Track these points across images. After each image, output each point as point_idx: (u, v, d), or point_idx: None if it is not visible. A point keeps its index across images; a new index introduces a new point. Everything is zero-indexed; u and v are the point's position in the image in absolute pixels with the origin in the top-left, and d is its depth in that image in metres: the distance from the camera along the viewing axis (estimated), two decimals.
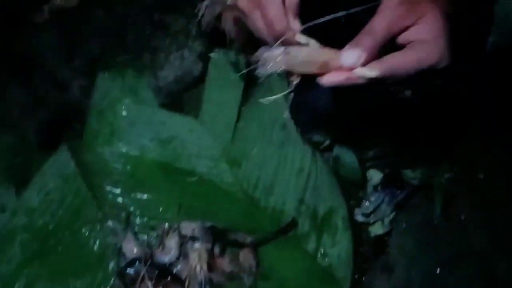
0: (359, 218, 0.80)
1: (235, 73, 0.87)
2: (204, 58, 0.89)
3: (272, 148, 0.86)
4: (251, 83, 0.89)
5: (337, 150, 0.84)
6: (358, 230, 0.78)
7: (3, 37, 0.98)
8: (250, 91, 0.90)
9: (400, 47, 0.43)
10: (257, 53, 0.46)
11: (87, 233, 0.77)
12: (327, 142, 0.85)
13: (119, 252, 0.75)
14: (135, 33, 0.98)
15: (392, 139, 0.79)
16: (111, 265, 0.75)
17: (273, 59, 0.45)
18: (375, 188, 0.80)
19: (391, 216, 0.77)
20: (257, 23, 0.49)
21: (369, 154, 0.82)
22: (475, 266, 0.65)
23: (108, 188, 0.81)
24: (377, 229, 0.78)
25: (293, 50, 0.46)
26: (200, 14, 0.75)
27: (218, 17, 0.81)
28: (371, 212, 0.78)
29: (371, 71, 0.42)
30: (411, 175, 0.77)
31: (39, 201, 0.79)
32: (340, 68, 0.43)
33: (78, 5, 1.02)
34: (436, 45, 0.41)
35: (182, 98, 0.92)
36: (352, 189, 0.82)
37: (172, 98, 0.91)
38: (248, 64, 0.89)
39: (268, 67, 0.45)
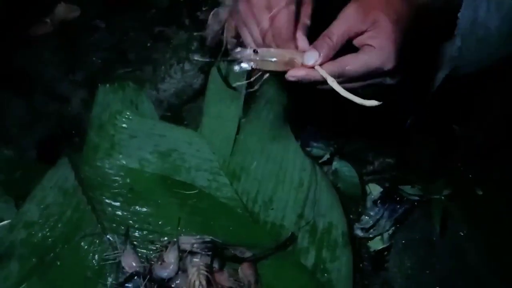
0: (359, 233, 0.80)
1: (234, 86, 0.87)
2: (205, 71, 0.89)
3: (272, 162, 0.86)
4: (251, 96, 0.89)
5: (337, 164, 0.84)
6: (357, 245, 0.78)
7: (2, 51, 0.99)
8: (250, 104, 0.90)
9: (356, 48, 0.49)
10: (233, 53, 0.53)
11: (86, 247, 0.77)
12: (327, 155, 0.85)
13: (118, 266, 0.74)
14: (136, 46, 0.99)
15: (392, 153, 0.80)
16: (110, 279, 0.75)
17: (246, 58, 0.52)
18: (374, 202, 0.80)
19: (391, 231, 0.77)
20: (252, 26, 0.53)
21: (369, 168, 0.82)
22: (472, 284, 0.65)
23: (108, 201, 0.81)
24: (376, 244, 0.78)
25: (262, 50, 0.52)
26: (207, 24, 0.76)
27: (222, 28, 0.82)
28: (371, 227, 0.78)
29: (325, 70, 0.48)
30: (410, 191, 0.77)
31: (38, 215, 0.79)
32: (302, 66, 0.50)
33: (79, 17, 1.03)
34: (382, 51, 0.46)
35: (182, 110, 0.92)
36: (351, 204, 0.82)
37: (172, 111, 0.92)
38: (248, 76, 0.90)
39: (242, 64, 0.52)
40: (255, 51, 0.51)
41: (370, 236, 0.79)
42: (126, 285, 0.72)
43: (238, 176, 0.86)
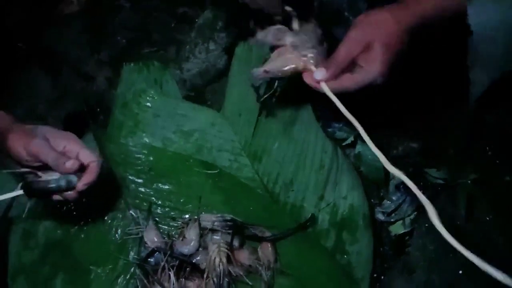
0: (380, 216, 0.79)
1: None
2: (229, 52, 0.89)
3: (293, 143, 0.86)
4: (275, 78, 0.89)
5: (360, 147, 0.84)
6: (378, 229, 0.78)
7: (30, 30, 1.01)
8: (273, 86, 0.89)
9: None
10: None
11: (109, 221, 0.79)
12: (351, 138, 0.84)
13: (140, 241, 0.76)
14: (160, 26, 0.99)
15: (417, 138, 0.78)
16: (132, 253, 0.76)
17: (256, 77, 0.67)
18: (397, 187, 0.79)
19: (413, 216, 0.76)
20: None
21: (393, 153, 0.81)
22: (498, 269, 0.64)
23: (131, 177, 0.82)
24: (397, 229, 0.77)
25: (271, 68, 0.67)
26: None
27: None
28: (392, 211, 0.77)
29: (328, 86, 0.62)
30: (436, 174, 0.75)
31: None
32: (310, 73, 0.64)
33: None
34: (372, 71, 0.58)
35: (205, 91, 0.93)
36: (373, 188, 0.81)
37: (195, 91, 0.92)
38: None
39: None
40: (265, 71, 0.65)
41: (392, 220, 0.78)
42: (148, 259, 0.73)
43: (259, 157, 0.86)
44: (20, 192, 0.63)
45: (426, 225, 0.71)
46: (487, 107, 0.79)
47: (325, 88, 0.62)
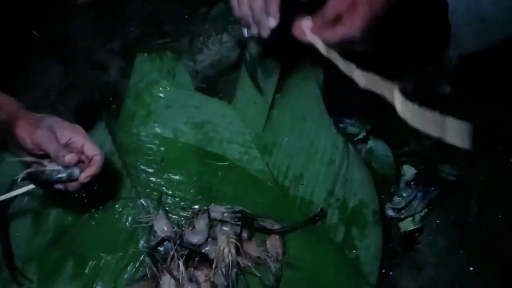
0: (390, 212, 0.79)
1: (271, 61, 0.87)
2: (242, 44, 0.89)
3: (304, 138, 0.86)
4: (286, 72, 0.89)
5: (372, 143, 0.83)
6: (388, 225, 0.78)
7: (44, 19, 1.01)
8: (285, 79, 0.90)
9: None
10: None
11: (120, 209, 0.79)
12: (363, 133, 0.84)
13: (150, 230, 0.76)
14: (173, 17, 0.99)
15: (429, 135, 0.78)
16: (142, 242, 0.77)
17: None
18: (408, 184, 0.78)
19: (423, 213, 0.76)
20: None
21: (404, 149, 0.81)
22: (508, 268, 0.64)
23: (142, 167, 0.83)
24: (407, 225, 0.77)
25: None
26: None
27: None
28: (403, 208, 0.77)
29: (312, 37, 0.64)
30: (449, 170, 0.75)
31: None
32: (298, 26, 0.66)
33: None
34: (350, 25, 0.60)
35: (217, 83, 0.93)
36: (384, 183, 0.81)
37: (207, 83, 0.92)
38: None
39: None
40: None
41: (402, 216, 0.78)
42: (158, 248, 0.74)
43: (270, 150, 0.86)
44: (31, 186, 0.64)
45: (437, 221, 0.71)
46: (496, 102, 0.79)
47: (310, 36, 0.64)
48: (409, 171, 0.81)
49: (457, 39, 0.62)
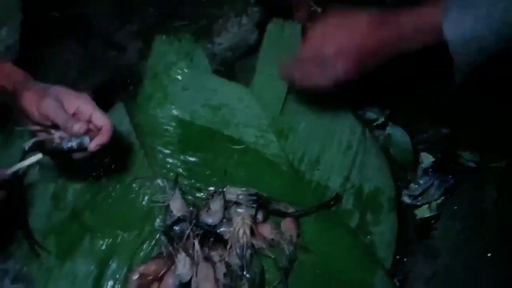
0: (406, 199, 0.79)
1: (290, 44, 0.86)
2: (261, 27, 0.89)
3: (321, 123, 0.86)
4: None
5: (390, 129, 0.83)
6: (403, 212, 0.77)
7: (63, 0, 1.02)
8: None
9: None
10: None
11: (137, 188, 0.80)
12: (381, 119, 0.83)
13: (166, 209, 0.77)
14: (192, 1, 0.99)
15: (447, 123, 0.77)
16: (158, 221, 0.78)
17: None
18: (425, 171, 0.78)
19: (439, 200, 0.76)
20: None
21: (422, 137, 0.80)
22: None
23: (159, 148, 0.84)
24: (423, 212, 0.77)
25: None
26: None
27: None
28: (419, 195, 0.77)
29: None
30: (468, 157, 0.74)
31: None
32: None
33: None
34: (322, 81, 0.68)
35: (235, 66, 0.93)
36: (401, 170, 0.81)
37: (225, 65, 0.92)
38: (304, 32, 0.88)
39: None
40: None
41: (418, 204, 0.78)
42: (174, 227, 0.75)
43: (286, 135, 0.86)
44: (39, 156, 0.63)
45: (455, 208, 0.70)
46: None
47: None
48: (426, 158, 0.80)
49: (460, 69, 0.60)
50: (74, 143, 0.61)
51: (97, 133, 0.63)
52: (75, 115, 0.63)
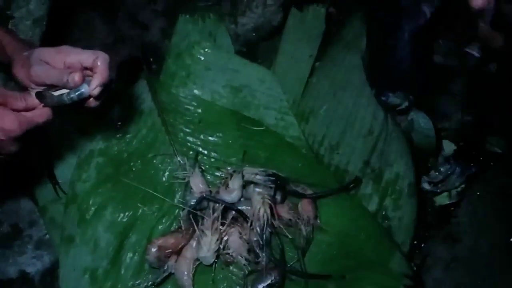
0: (426, 186, 0.78)
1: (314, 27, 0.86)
2: (286, 8, 0.88)
3: (343, 107, 0.85)
4: (329, 40, 0.88)
5: (414, 115, 0.82)
6: (423, 198, 0.77)
7: None
8: (326, 48, 0.89)
9: None
10: None
11: (158, 164, 0.81)
12: (405, 104, 0.82)
13: (186, 186, 0.78)
14: None
15: (472, 111, 0.76)
16: (178, 196, 0.79)
17: None
18: (446, 159, 0.77)
19: (460, 188, 0.75)
20: None
21: (445, 124, 0.79)
22: None
23: (180, 126, 0.84)
24: (443, 200, 0.76)
25: None
26: None
27: None
28: (439, 182, 0.76)
29: None
30: (495, 143, 0.73)
31: (114, 130, 0.84)
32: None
33: None
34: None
35: (258, 47, 0.93)
36: (422, 156, 0.80)
37: (248, 47, 0.92)
38: (329, 17, 0.88)
39: None
40: None
41: (438, 191, 0.77)
42: (194, 203, 0.75)
43: (307, 118, 0.86)
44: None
45: (478, 193, 0.70)
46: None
47: None
48: (448, 146, 0.79)
49: None
50: (73, 95, 0.57)
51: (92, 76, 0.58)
52: (68, 69, 0.59)
